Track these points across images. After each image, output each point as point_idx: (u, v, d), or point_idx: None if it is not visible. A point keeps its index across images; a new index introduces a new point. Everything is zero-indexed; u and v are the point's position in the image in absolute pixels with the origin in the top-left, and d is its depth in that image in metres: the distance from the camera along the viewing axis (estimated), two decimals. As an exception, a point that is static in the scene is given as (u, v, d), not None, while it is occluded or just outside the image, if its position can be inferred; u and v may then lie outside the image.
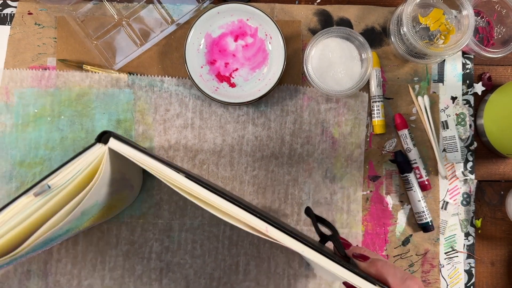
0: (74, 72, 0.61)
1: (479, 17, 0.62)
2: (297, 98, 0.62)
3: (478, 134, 0.63)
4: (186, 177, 0.41)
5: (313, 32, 0.62)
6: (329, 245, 0.49)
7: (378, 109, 0.61)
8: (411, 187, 0.61)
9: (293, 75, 0.62)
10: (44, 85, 0.61)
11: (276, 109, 0.62)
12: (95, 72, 0.61)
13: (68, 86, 0.61)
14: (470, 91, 0.63)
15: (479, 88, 0.63)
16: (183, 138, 0.61)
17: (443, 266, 0.62)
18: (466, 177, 0.62)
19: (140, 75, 0.61)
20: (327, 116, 0.62)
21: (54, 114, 0.61)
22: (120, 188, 0.53)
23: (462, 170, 0.62)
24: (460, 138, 0.62)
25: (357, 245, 0.59)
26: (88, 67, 0.61)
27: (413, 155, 0.61)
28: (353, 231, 0.61)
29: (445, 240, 0.62)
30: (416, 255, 0.62)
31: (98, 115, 0.61)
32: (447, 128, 0.61)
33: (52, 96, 0.61)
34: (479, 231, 0.63)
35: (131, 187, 0.57)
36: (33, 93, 0.61)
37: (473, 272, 0.62)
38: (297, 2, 0.63)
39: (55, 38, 0.61)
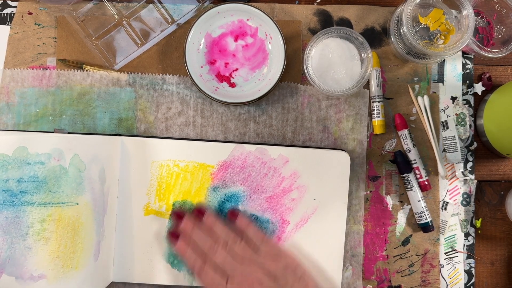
0: (75, 71, 0.61)
1: (479, 17, 0.62)
2: (298, 95, 0.62)
3: (478, 134, 0.63)
4: None
5: (313, 32, 0.62)
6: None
7: (378, 109, 0.61)
8: (411, 187, 0.61)
9: (293, 75, 0.62)
10: (45, 85, 0.61)
11: (277, 107, 0.62)
12: (96, 71, 0.61)
13: (69, 85, 0.61)
14: (470, 91, 0.63)
15: (479, 88, 0.63)
16: (185, 136, 0.61)
17: (443, 266, 0.62)
18: (466, 177, 0.62)
19: (141, 73, 0.61)
20: (328, 113, 0.62)
21: (55, 114, 0.61)
22: None
23: (462, 170, 0.62)
24: (460, 138, 0.62)
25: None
26: (88, 67, 0.61)
27: (413, 155, 0.61)
28: (354, 228, 0.61)
29: (445, 240, 0.62)
30: (416, 255, 0.62)
31: (100, 114, 0.61)
32: (447, 128, 0.61)
33: (53, 96, 0.61)
34: (479, 231, 0.63)
35: None
36: (34, 93, 0.61)
37: (473, 272, 0.62)
38: (297, 2, 0.63)
39: (55, 38, 0.61)
